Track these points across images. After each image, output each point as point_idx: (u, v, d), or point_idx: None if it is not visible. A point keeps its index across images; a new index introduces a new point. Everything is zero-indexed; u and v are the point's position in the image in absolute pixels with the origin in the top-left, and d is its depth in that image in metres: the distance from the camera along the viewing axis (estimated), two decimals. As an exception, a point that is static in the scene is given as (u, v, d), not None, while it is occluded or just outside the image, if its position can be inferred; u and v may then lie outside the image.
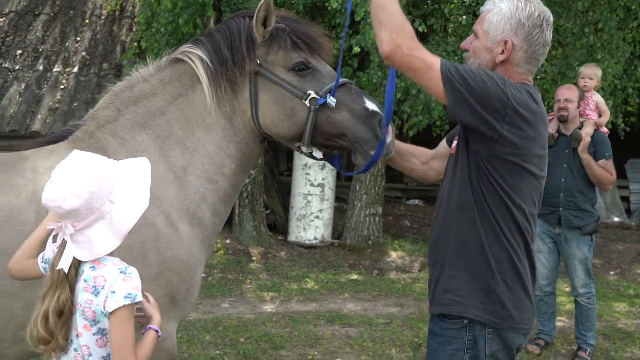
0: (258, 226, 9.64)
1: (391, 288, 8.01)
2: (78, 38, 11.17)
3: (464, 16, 9.24)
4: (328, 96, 2.78)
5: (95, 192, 2.06)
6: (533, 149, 2.46)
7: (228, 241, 9.39)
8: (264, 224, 9.82)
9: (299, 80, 2.85)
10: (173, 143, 2.87)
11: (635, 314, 7.19)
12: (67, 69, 10.36)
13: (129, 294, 2.08)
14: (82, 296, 2.10)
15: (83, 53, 10.73)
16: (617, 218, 13.16)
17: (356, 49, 8.06)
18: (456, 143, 2.60)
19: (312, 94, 2.80)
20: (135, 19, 11.17)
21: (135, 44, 9.79)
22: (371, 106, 2.81)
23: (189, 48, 2.94)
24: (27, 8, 11.53)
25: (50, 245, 2.18)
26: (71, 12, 11.72)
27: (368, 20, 7.84)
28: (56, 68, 10.29)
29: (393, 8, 2.37)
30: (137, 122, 2.88)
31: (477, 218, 2.43)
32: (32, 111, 9.46)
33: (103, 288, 2.08)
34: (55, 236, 2.16)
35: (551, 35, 2.57)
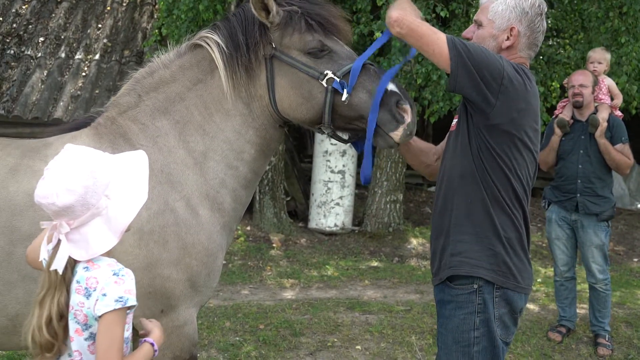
0: (278, 213, 9.66)
1: (411, 275, 7.99)
2: (99, 25, 11.22)
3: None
4: (345, 85, 2.74)
5: (90, 187, 1.96)
6: (527, 121, 2.64)
7: (248, 228, 9.42)
8: (285, 211, 9.84)
9: (315, 61, 2.83)
10: (193, 129, 2.88)
11: (659, 302, 7.11)
12: (89, 57, 10.42)
13: (120, 298, 1.97)
14: (75, 298, 2.00)
15: (104, 40, 10.78)
16: (642, 205, 12.99)
17: (377, 35, 8.00)
18: (456, 121, 2.80)
19: (330, 74, 2.78)
20: (156, 6, 11.17)
21: (156, 31, 9.79)
22: (389, 86, 2.77)
23: (207, 33, 2.93)
24: (49, -5, 11.61)
25: (44, 246, 2.05)
26: (92, 0, 11.77)
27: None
28: (78, 55, 10.34)
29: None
30: (157, 108, 2.89)
31: (481, 186, 2.63)
32: (54, 98, 9.53)
33: (95, 290, 1.97)
34: (50, 236, 2.04)
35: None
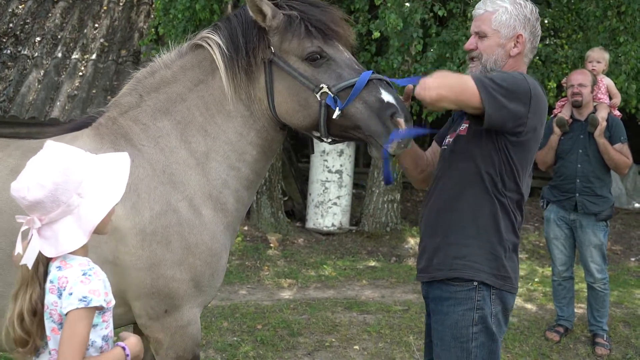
0: (276, 213, 9.64)
1: (409, 275, 7.99)
2: (96, 25, 11.20)
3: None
4: (338, 102, 2.67)
5: (60, 184, 1.97)
6: (541, 129, 2.77)
7: (246, 228, 9.41)
8: (282, 211, 9.82)
9: (313, 70, 2.76)
10: (194, 129, 2.87)
11: (656, 302, 7.11)
12: (86, 56, 10.40)
13: (84, 297, 1.97)
14: (49, 298, 2.02)
15: (101, 40, 10.76)
16: (639, 204, 12.99)
17: (376, 34, 8.00)
18: (466, 126, 2.81)
19: (324, 88, 2.70)
20: (152, 5, 11.16)
21: (152, 30, 9.78)
22: (386, 97, 2.68)
23: (208, 33, 2.91)
24: (46, -5, 11.58)
25: (19, 241, 2.06)
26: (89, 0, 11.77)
27: (388, 4, 7.78)
28: (75, 55, 10.32)
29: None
30: (159, 108, 2.88)
31: (491, 192, 2.69)
32: (51, 98, 9.51)
33: (64, 289, 1.99)
34: (25, 232, 2.05)
35: None
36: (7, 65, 10.02)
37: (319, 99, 2.71)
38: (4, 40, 10.42)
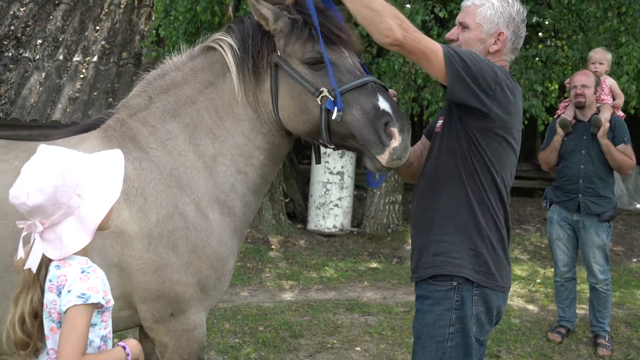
0: (277, 215, 9.64)
1: (410, 276, 7.97)
2: (97, 27, 11.21)
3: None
4: (337, 104, 2.63)
5: (59, 187, 1.98)
6: (515, 124, 2.72)
7: (247, 230, 9.40)
8: (284, 213, 9.82)
9: (313, 74, 2.73)
10: (203, 132, 2.86)
11: (658, 303, 7.11)
12: (87, 59, 10.41)
13: (83, 294, 1.98)
14: (48, 297, 2.03)
15: (102, 42, 10.77)
16: (640, 205, 12.99)
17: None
18: (441, 122, 2.82)
19: (325, 92, 2.67)
20: (153, 7, 11.17)
21: (153, 32, 9.79)
22: (382, 104, 2.63)
23: (221, 35, 2.90)
24: (47, -2, 11.60)
25: (21, 246, 2.08)
26: (90, 2, 11.76)
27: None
28: (76, 57, 10.33)
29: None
30: (168, 111, 2.88)
31: (467, 186, 2.67)
32: (53, 100, 9.51)
33: (63, 287, 2.00)
34: (27, 236, 2.06)
35: None
36: (9, 67, 10.03)
37: (319, 103, 2.68)
38: (5, 42, 10.43)
